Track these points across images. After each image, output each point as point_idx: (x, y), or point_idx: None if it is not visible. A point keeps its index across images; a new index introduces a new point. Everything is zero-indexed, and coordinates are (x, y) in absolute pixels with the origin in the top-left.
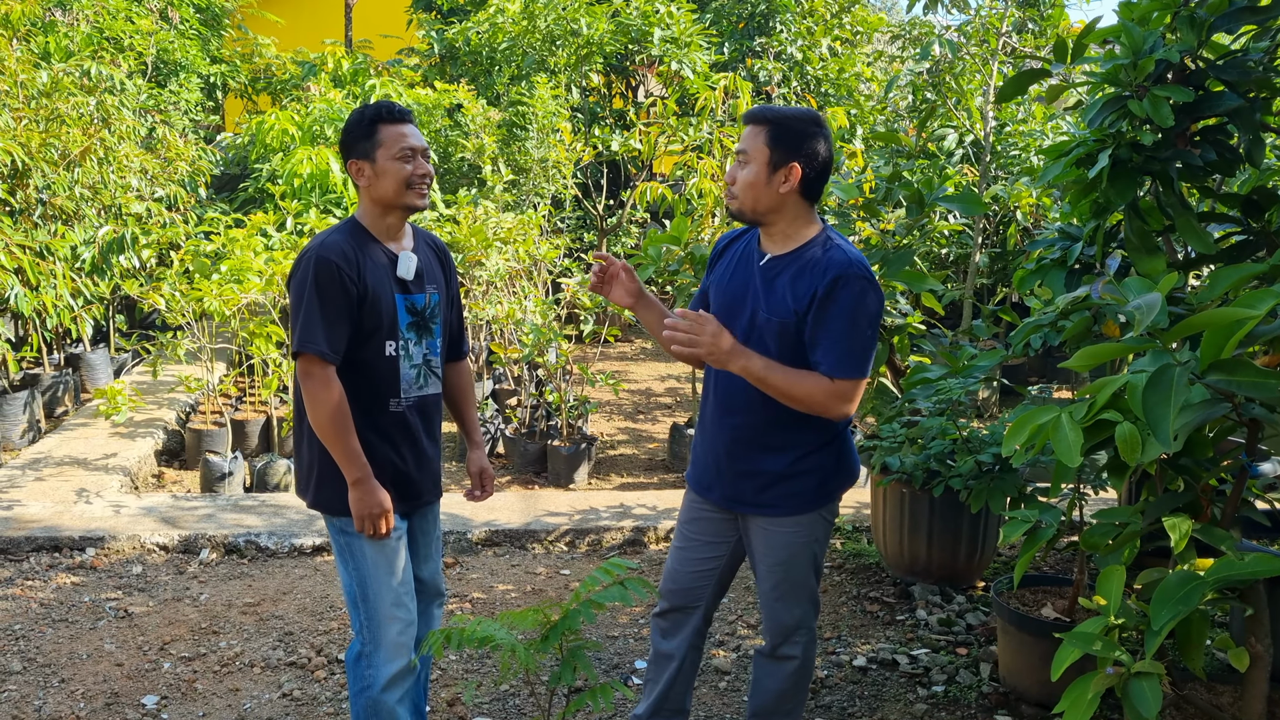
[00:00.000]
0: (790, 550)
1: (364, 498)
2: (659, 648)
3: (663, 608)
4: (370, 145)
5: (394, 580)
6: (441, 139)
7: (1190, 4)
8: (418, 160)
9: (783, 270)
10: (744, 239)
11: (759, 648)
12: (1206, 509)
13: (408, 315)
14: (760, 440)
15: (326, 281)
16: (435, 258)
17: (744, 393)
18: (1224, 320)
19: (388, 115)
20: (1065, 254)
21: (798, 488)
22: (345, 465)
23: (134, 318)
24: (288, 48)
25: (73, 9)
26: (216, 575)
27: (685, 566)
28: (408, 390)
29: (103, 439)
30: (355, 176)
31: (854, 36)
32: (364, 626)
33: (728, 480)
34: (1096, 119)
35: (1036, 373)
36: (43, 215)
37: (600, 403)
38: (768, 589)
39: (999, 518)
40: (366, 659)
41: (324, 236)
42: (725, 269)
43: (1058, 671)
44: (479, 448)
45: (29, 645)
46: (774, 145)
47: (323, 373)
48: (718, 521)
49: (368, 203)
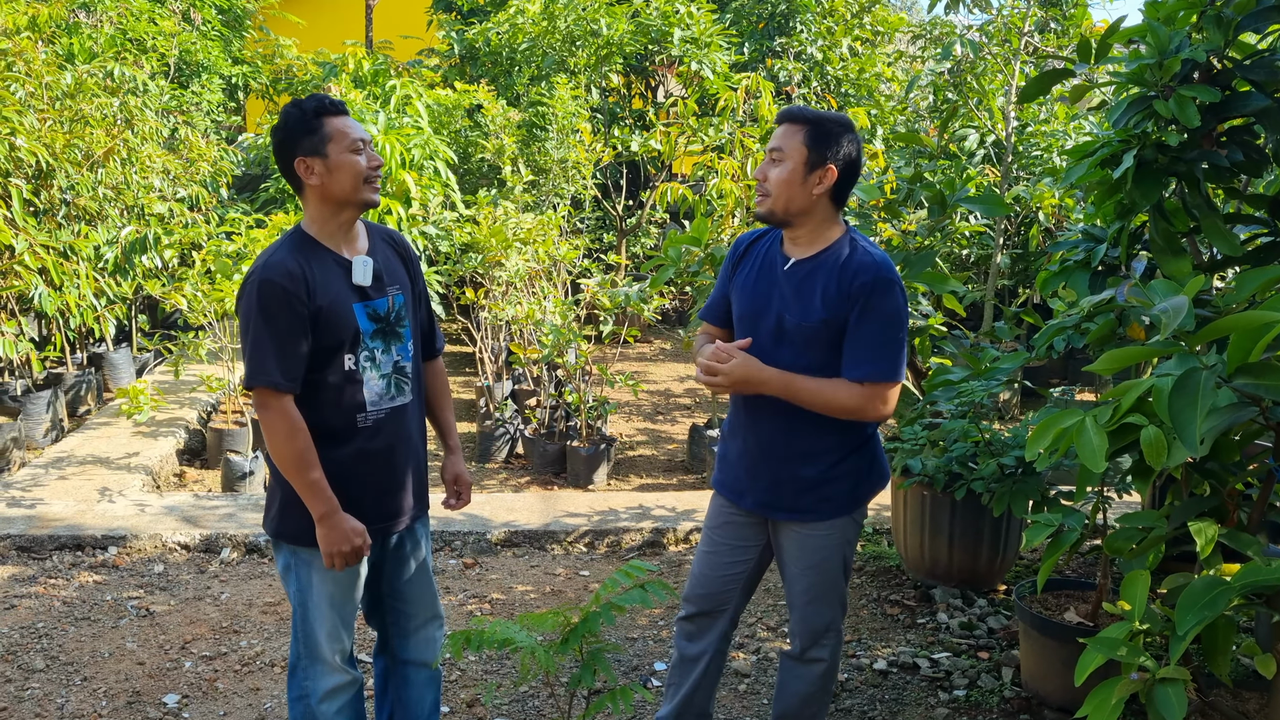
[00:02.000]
0: (823, 554)
1: (330, 533)
2: (684, 651)
3: (689, 612)
4: (318, 140)
5: (334, 612)
6: (461, 139)
7: (1217, 3)
8: (369, 152)
9: (809, 274)
10: (764, 241)
11: (785, 651)
12: (1233, 513)
13: (371, 323)
14: (794, 446)
15: (274, 306)
16: (395, 254)
17: (773, 400)
18: (1251, 323)
19: (331, 107)
20: (1089, 255)
21: (831, 493)
22: (309, 500)
23: (156, 317)
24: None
25: (96, 11)
26: (237, 574)
27: (713, 571)
28: (377, 404)
29: (125, 438)
30: (305, 176)
31: (874, 36)
32: (301, 642)
33: (762, 487)
34: (1121, 119)
35: (1058, 375)
36: (66, 215)
37: (619, 403)
38: (799, 592)
39: (1020, 521)
40: (303, 671)
41: (267, 255)
42: (748, 273)
43: (1081, 676)
44: (455, 453)
45: (52, 644)
46: (812, 146)
47: (278, 404)
48: (747, 526)
49: (318, 204)
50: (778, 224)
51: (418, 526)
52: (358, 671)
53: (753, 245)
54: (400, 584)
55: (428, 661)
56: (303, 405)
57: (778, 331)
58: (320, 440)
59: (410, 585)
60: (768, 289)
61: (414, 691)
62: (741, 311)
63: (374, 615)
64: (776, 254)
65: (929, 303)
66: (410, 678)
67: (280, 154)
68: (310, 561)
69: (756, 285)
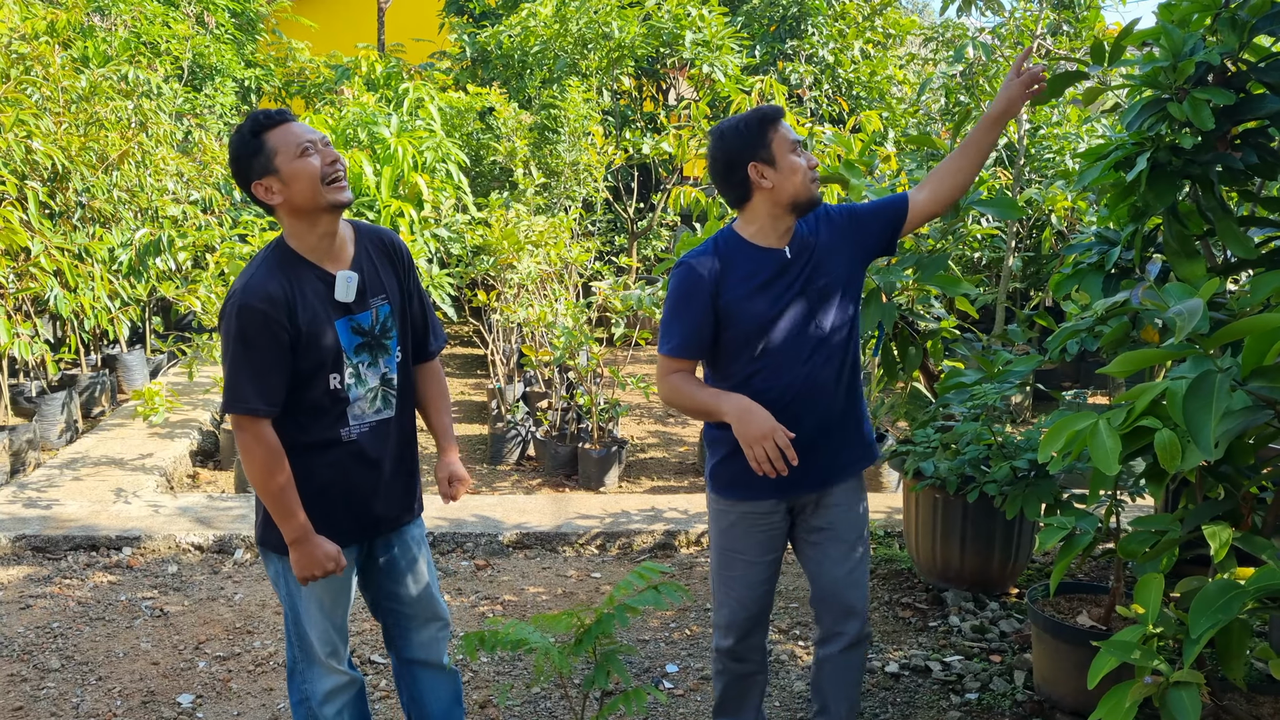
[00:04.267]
0: (864, 502)
1: (302, 559)
2: (737, 671)
3: (738, 638)
4: (264, 158)
5: (325, 617)
6: (474, 142)
7: (1231, 6)
8: (321, 150)
9: (807, 246)
10: (719, 254)
11: (838, 646)
12: (1247, 517)
13: (355, 337)
14: (842, 407)
15: (253, 332)
16: (385, 256)
17: (818, 377)
18: (1266, 326)
19: (266, 121)
20: (1103, 258)
21: (869, 433)
22: (281, 523)
23: (170, 319)
24: (321, 51)
25: (111, 14)
26: (250, 575)
27: (754, 590)
28: (361, 418)
29: (139, 439)
30: (267, 198)
31: (886, 39)
32: (296, 646)
33: (823, 462)
34: (1135, 122)
35: (1070, 377)
36: (81, 218)
37: (631, 406)
38: (844, 572)
39: (1033, 524)
40: (301, 674)
41: (248, 274)
42: (744, 292)
43: (1094, 680)
44: (449, 453)
45: (67, 643)
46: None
47: (253, 428)
48: (775, 525)
49: (291, 220)
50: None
51: (410, 529)
52: (356, 672)
53: (721, 260)
54: (395, 588)
55: (432, 661)
56: (285, 421)
57: (818, 307)
58: (303, 454)
59: (406, 588)
60: (782, 287)
61: (425, 687)
62: (765, 317)
63: (377, 614)
64: (758, 253)
65: (941, 305)
66: (419, 675)
67: (240, 184)
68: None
69: (766, 287)
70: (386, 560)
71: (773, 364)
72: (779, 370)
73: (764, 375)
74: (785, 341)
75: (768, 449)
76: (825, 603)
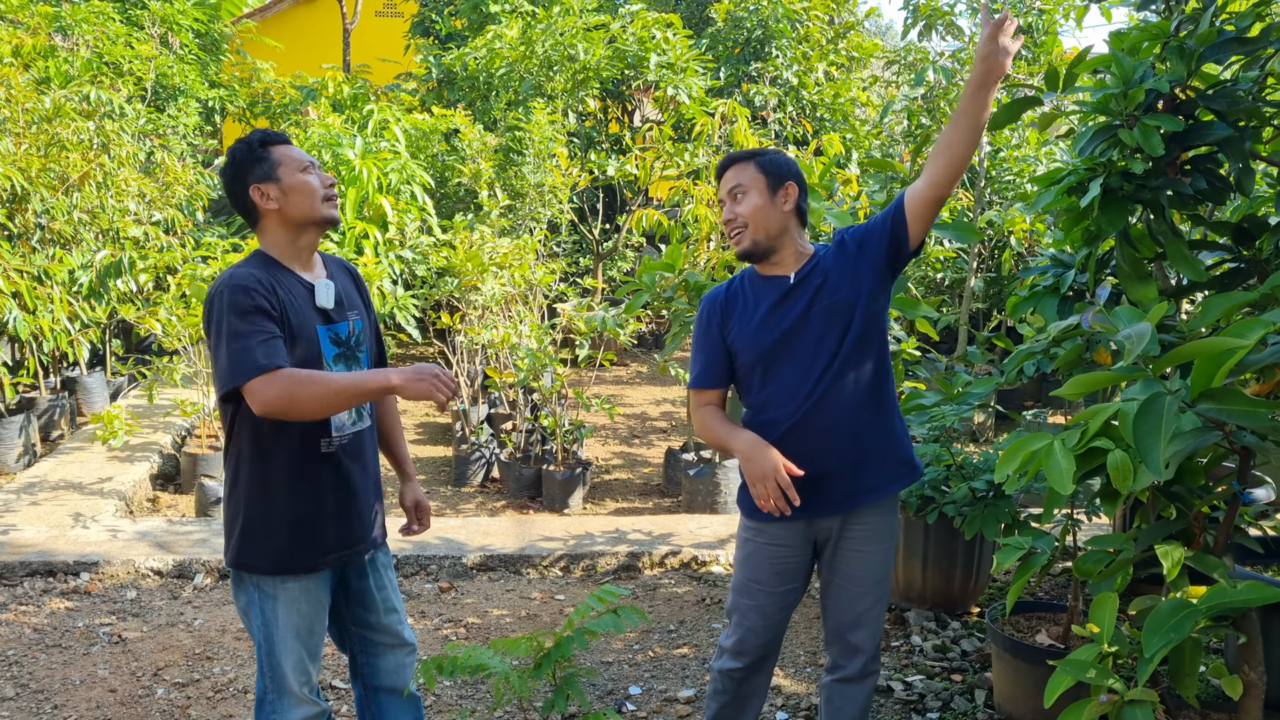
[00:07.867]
0: (894, 530)
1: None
2: (735, 692)
3: (744, 664)
4: (269, 166)
5: (300, 644)
6: (439, 164)
7: (1180, 35)
8: (318, 173)
9: (817, 270)
10: (735, 286)
11: (838, 676)
12: (1199, 536)
13: (333, 346)
14: (864, 428)
15: (247, 304)
16: (351, 282)
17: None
18: (1215, 349)
19: (274, 137)
20: (1058, 281)
21: (903, 453)
22: (360, 389)
23: (131, 341)
24: (286, 72)
25: (73, 34)
26: (210, 600)
27: (767, 619)
28: (341, 428)
29: (98, 463)
30: (262, 202)
31: (849, 62)
32: (267, 676)
33: (843, 485)
34: (1088, 147)
35: (1032, 397)
36: (41, 239)
37: (595, 427)
38: (867, 606)
39: (993, 544)
40: (270, 704)
41: (230, 271)
42: (747, 323)
43: (1051, 699)
44: (411, 479)
45: (22, 671)
46: (767, 171)
47: (276, 377)
48: (796, 549)
49: (278, 227)
50: (760, 255)
51: (379, 555)
52: (325, 702)
53: (729, 295)
54: (366, 614)
55: (399, 688)
56: (270, 432)
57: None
58: (287, 468)
59: (376, 615)
60: (783, 316)
61: (389, 714)
62: (764, 345)
63: (343, 644)
64: (764, 283)
65: (902, 327)
66: (384, 704)
67: (233, 188)
68: (274, 594)
69: (768, 315)
70: (360, 587)
71: (780, 390)
72: (787, 396)
73: (775, 403)
74: (789, 365)
75: (769, 488)
76: (834, 635)
